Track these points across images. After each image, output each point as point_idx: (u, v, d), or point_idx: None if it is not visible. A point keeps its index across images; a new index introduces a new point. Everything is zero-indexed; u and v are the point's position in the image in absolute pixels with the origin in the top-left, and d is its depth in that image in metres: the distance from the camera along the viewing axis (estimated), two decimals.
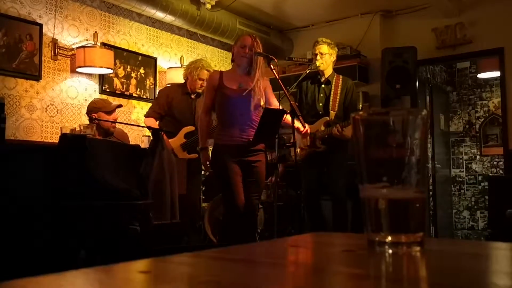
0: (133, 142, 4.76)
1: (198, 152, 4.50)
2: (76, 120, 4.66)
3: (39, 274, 0.42)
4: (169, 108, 4.31)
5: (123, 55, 5.16)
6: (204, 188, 4.93)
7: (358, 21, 5.91)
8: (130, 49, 5.26)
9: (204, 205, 4.83)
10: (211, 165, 3.55)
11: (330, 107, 4.14)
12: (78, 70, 4.69)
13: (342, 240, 0.77)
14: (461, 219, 7.23)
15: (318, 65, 4.19)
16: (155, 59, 5.50)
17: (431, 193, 6.31)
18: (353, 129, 0.61)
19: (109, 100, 4.28)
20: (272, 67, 3.43)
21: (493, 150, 6.98)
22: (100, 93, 4.92)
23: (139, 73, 5.33)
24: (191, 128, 4.27)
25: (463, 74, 7.39)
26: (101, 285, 0.43)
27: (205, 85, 4.36)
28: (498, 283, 0.44)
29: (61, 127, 4.55)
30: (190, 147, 4.28)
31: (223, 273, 0.49)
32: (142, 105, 5.30)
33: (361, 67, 5.67)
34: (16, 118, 4.31)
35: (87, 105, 4.03)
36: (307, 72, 4.29)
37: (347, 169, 4.01)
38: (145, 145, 4.82)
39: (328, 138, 4.05)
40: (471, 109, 7.29)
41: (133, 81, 5.27)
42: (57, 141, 2.72)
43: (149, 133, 4.65)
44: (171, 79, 5.27)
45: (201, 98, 4.49)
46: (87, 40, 4.80)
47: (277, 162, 4.16)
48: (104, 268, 0.46)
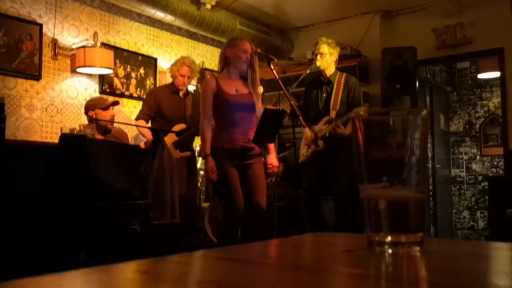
0: (133, 142, 4.76)
1: (191, 150, 4.50)
2: (76, 120, 4.66)
3: (39, 274, 0.42)
4: (158, 109, 4.30)
5: (123, 55, 5.16)
6: (204, 188, 4.94)
7: (358, 21, 5.91)
8: (130, 49, 5.26)
9: (204, 205, 4.83)
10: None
11: (331, 106, 4.14)
12: (78, 70, 4.69)
13: (342, 240, 0.77)
14: (461, 219, 7.23)
15: (318, 65, 4.20)
16: (155, 59, 5.50)
17: (431, 193, 6.31)
18: (353, 129, 0.61)
19: (104, 97, 4.34)
20: (272, 67, 3.43)
21: (493, 150, 6.98)
22: (100, 93, 4.92)
23: (139, 73, 5.33)
24: (182, 126, 4.26)
25: (463, 74, 7.39)
26: (101, 285, 0.43)
27: (187, 81, 4.38)
28: (498, 283, 0.44)
29: (61, 127, 4.56)
30: (182, 145, 4.27)
31: (223, 273, 0.50)
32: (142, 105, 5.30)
33: (361, 67, 5.67)
34: (16, 118, 4.31)
35: (84, 104, 4.10)
36: (307, 73, 4.30)
37: (350, 170, 3.99)
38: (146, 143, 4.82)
39: (332, 137, 4.06)
40: (471, 109, 7.29)
41: (133, 81, 5.27)
42: (57, 141, 2.72)
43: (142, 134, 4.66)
44: (170, 79, 5.27)
45: (189, 96, 4.49)
46: (87, 40, 4.80)
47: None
48: (104, 268, 0.46)
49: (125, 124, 4.64)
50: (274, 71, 3.42)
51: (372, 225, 0.58)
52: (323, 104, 4.21)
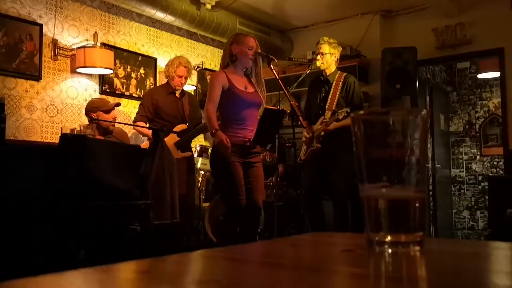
0: (133, 142, 4.76)
1: (192, 150, 4.51)
2: (76, 120, 4.66)
3: (39, 274, 0.42)
4: (156, 110, 4.30)
5: (123, 55, 5.16)
6: (204, 188, 4.93)
7: (358, 21, 5.91)
8: (130, 49, 5.26)
9: (204, 205, 4.83)
10: (215, 164, 3.47)
11: (327, 106, 4.14)
12: (78, 70, 4.69)
13: (342, 240, 0.77)
14: (461, 219, 7.23)
15: (318, 65, 4.20)
16: (155, 59, 5.49)
17: (431, 193, 6.31)
18: (353, 129, 0.61)
19: (106, 99, 4.32)
20: (272, 67, 3.43)
21: (493, 150, 6.98)
22: (100, 93, 4.92)
23: (139, 73, 5.33)
24: (183, 126, 4.27)
25: (463, 74, 7.39)
26: (101, 285, 0.43)
27: (184, 81, 4.38)
28: (498, 283, 0.44)
29: (61, 127, 4.55)
30: (183, 145, 4.28)
31: (223, 273, 0.50)
32: None
33: (361, 67, 5.67)
34: (16, 118, 4.31)
35: (86, 106, 4.09)
36: (307, 73, 4.30)
37: (347, 169, 3.98)
38: (145, 145, 4.82)
39: (327, 137, 4.05)
40: (471, 109, 7.29)
41: (133, 81, 5.27)
42: (57, 141, 2.72)
43: (140, 134, 4.66)
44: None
45: (186, 96, 4.49)
46: (87, 40, 4.80)
47: (277, 162, 4.16)
48: (104, 268, 0.46)
49: (125, 124, 4.64)
50: (274, 71, 3.42)
51: (372, 224, 0.59)
52: (320, 104, 4.21)
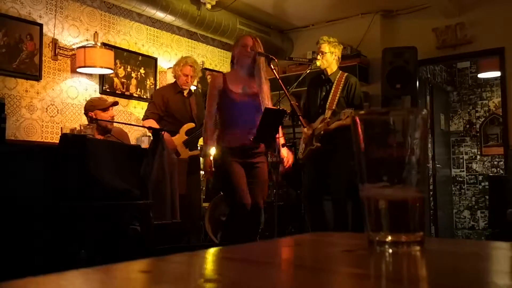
0: (133, 142, 4.77)
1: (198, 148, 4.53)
2: (76, 120, 4.66)
3: (39, 274, 0.42)
4: (166, 108, 4.32)
5: (123, 55, 5.16)
6: (204, 188, 4.93)
7: (358, 21, 5.91)
8: (131, 49, 5.26)
9: (204, 205, 4.83)
10: (216, 166, 3.50)
11: (327, 105, 4.13)
12: (79, 70, 4.70)
13: (342, 240, 0.77)
14: (461, 219, 7.23)
15: (318, 65, 4.20)
16: (155, 59, 5.50)
17: (431, 193, 6.31)
18: (353, 128, 0.61)
19: (104, 98, 4.35)
20: (272, 67, 3.42)
21: (493, 150, 6.98)
22: (100, 93, 4.92)
23: (139, 73, 5.33)
24: (191, 125, 4.30)
25: (463, 74, 7.39)
26: (101, 285, 0.43)
27: (190, 81, 4.40)
28: (498, 283, 0.44)
29: (61, 127, 4.55)
30: (191, 143, 4.31)
31: (223, 273, 0.49)
32: (142, 105, 5.30)
33: (361, 67, 5.67)
34: (17, 118, 4.31)
35: (84, 105, 4.13)
36: (307, 72, 4.30)
37: (347, 169, 3.98)
38: (145, 145, 4.82)
39: (326, 137, 4.05)
40: (471, 109, 7.29)
41: (134, 81, 5.27)
42: (57, 141, 2.72)
43: (148, 133, 4.67)
44: (171, 79, 5.26)
45: (193, 96, 4.50)
46: (87, 40, 4.80)
47: (277, 162, 4.16)
48: (104, 268, 0.46)
49: (125, 124, 4.63)
50: (274, 71, 3.41)
51: (373, 224, 0.58)
52: (321, 102, 4.21)
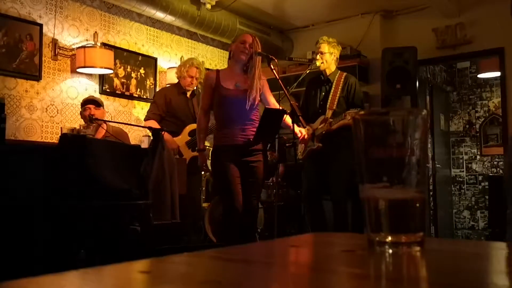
0: (133, 142, 4.76)
1: None
2: (76, 120, 4.66)
3: (39, 274, 0.42)
4: (169, 109, 4.33)
5: (123, 55, 5.16)
6: (204, 188, 4.93)
7: (358, 21, 5.91)
8: (130, 49, 5.26)
9: (204, 205, 4.83)
10: (211, 166, 3.55)
11: (328, 105, 4.13)
12: (78, 70, 4.69)
13: (342, 240, 0.77)
14: (461, 219, 7.23)
15: (318, 65, 4.20)
16: (155, 59, 5.50)
17: (431, 193, 6.31)
18: (353, 128, 0.61)
19: (93, 97, 4.42)
20: (272, 67, 3.42)
21: (493, 150, 6.98)
22: (100, 93, 4.92)
23: (139, 73, 5.33)
24: (194, 126, 4.31)
25: (463, 74, 7.39)
26: (101, 285, 0.43)
27: (195, 82, 4.41)
28: (498, 283, 0.44)
29: (61, 127, 4.55)
30: (194, 144, 4.31)
31: (223, 273, 0.49)
32: (142, 105, 5.31)
33: (361, 67, 5.67)
34: (16, 118, 4.31)
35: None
36: (307, 72, 4.29)
37: (347, 169, 3.97)
38: (145, 145, 4.82)
39: (327, 137, 4.05)
40: (471, 109, 7.29)
41: (133, 81, 5.27)
42: (57, 141, 2.72)
43: (149, 133, 4.67)
44: (171, 79, 5.27)
45: (196, 97, 4.51)
46: (87, 40, 4.80)
47: (277, 162, 4.16)
48: (104, 268, 0.46)
49: (124, 124, 4.63)
50: (274, 71, 3.41)
51: (373, 225, 0.58)
52: (321, 102, 4.21)
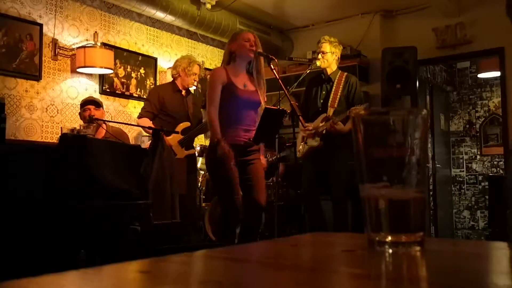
0: (133, 142, 4.76)
1: (195, 148, 4.52)
2: (76, 120, 4.66)
3: (39, 274, 0.42)
4: (162, 107, 4.31)
5: (123, 55, 5.16)
6: (204, 187, 4.93)
7: (358, 21, 5.91)
8: (130, 49, 5.26)
9: (204, 205, 4.83)
10: (208, 163, 3.45)
11: (329, 104, 4.14)
12: (79, 70, 4.69)
13: (342, 240, 0.77)
14: (461, 219, 7.23)
15: (319, 64, 4.20)
16: (155, 59, 5.50)
17: (431, 193, 6.31)
18: (353, 128, 0.61)
19: (92, 97, 4.44)
20: (272, 67, 3.42)
21: (493, 150, 6.98)
22: (100, 93, 4.92)
23: (139, 73, 5.33)
24: (186, 124, 4.29)
25: (463, 74, 7.39)
26: (101, 285, 0.43)
27: (197, 79, 4.39)
28: (498, 283, 0.44)
29: (61, 127, 4.55)
30: (187, 143, 4.30)
31: (223, 273, 0.49)
32: (142, 105, 5.30)
33: (361, 67, 5.67)
34: (16, 118, 4.31)
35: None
36: (307, 72, 4.30)
37: (347, 169, 3.97)
38: (145, 145, 4.82)
39: (328, 135, 4.05)
40: (471, 109, 7.29)
41: (133, 81, 5.27)
42: (57, 141, 2.72)
43: (144, 132, 4.68)
44: (171, 79, 5.27)
45: (191, 95, 4.49)
46: (87, 40, 4.80)
47: (277, 162, 4.16)
48: (104, 268, 0.46)
49: (121, 123, 4.63)
50: (274, 71, 3.41)
51: (373, 224, 0.58)
52: (322, 101, 4.21)
